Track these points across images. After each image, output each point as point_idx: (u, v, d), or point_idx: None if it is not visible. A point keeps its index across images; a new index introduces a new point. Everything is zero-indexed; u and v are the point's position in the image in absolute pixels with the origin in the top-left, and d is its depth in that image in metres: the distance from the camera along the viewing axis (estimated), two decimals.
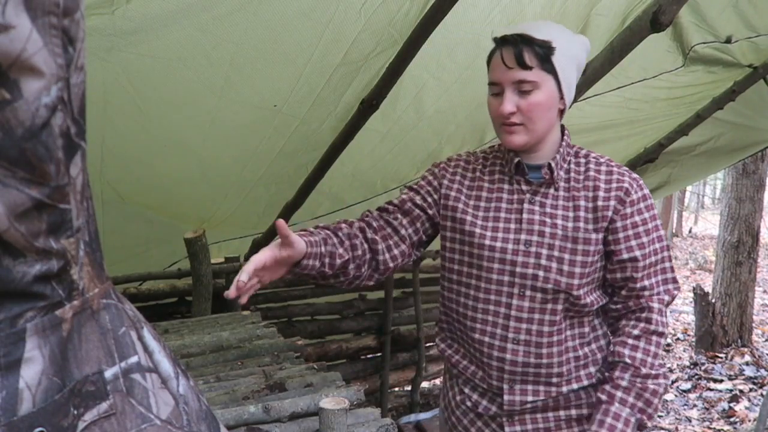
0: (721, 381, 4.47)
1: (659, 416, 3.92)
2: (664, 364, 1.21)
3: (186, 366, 1.71)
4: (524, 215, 1.17)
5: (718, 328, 5.09)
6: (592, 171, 1.19)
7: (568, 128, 1.24)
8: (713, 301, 5.17)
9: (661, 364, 1.18)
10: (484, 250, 1.18)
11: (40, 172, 0.44)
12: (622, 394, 1.14)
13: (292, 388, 1.48)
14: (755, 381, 4.42)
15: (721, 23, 2.16)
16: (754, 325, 5.36)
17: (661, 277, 1.19)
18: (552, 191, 1.18)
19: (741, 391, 4.23)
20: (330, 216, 2.64)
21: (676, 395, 4.29)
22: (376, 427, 1.32)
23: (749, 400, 4.08)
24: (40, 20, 0.41)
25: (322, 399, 1.27)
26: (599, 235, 1.16)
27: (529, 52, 1.08)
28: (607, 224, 1.16)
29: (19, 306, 0.46)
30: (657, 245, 1.19)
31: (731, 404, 4.03)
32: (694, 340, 5.28)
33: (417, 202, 1.25)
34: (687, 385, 4.45)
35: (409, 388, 3.61)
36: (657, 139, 2.98)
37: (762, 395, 4.10)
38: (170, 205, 2.26)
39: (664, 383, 1.16)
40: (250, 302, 2.86)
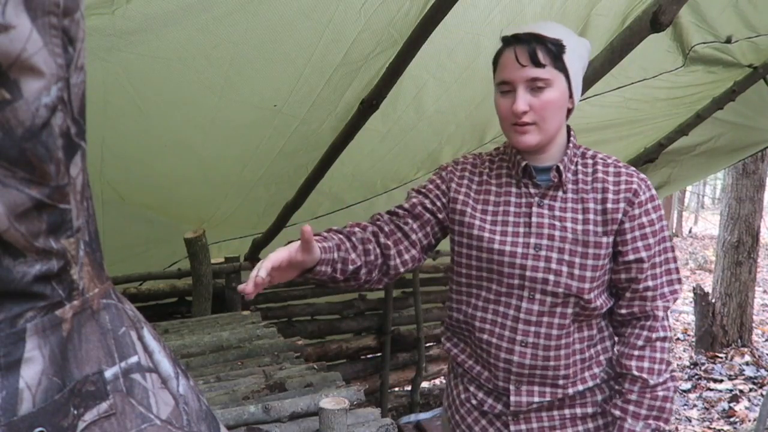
0: (721, 381, 4.46)
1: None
2: (671, 362, 1.21)
3: (186, 366, 1.71)
4: (533, 219, 1.17)
5: (718, 328, 5.09)
6: (600, 173, 1.18)
7: None
8: (713, 301, 5.17)
9: (667, 367, 1.19)
10: (494, 254, 1.18)
11: (40, 172, 0.44)
12: (634, 408, 1.17)
13: (292, 388, 1.48)
14: (755, 381, 4.42)
15: (721, 23, 2.15)
16: (754, 325, 5.36)
17: (666, 278, 1.19)
18: (560, 194, 1.17)
19: (741, 391, 4.23)
20: (330, 216, 2.63)
21: (676, 395, 4.29)
22: (376, 427, 1.32)
23: (749, 400, 4.08)
24: (40, 20, 0.41)
25: (322, 399, 1.27)
26: (609, 238, 1.15)
27: (542, 50, 1.08)
28: (617, 226, 1.15)
29: (19, 306, 0.46)
30: (663, 245, 1.18)
31: (731, 404, 4.03)
32: (694, 340, 5.28)
33: (427, 207, 1.25)
34: (687, 385, 4.45)
35: (409, 388, 3.61)
36: (657, 139, 2.98)
37: (762, 395, 4.10)
38: (170, 205, 2.26)
39: (673, 386, 1.19)
40: (250, 302, 2.86)
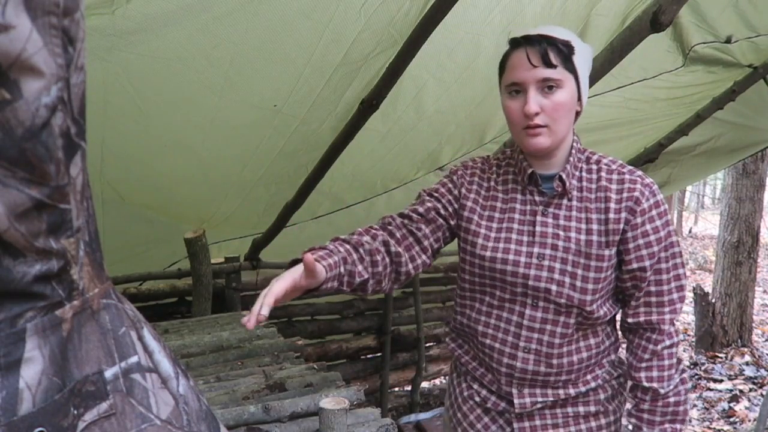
0: (721, 381, 4.46)
1: None
2: (681, 360, 1.22)
3: (186, 366, 1.71)
4: (537, 228, 1.17)
5: (718, 328, 5.09)
6: (603, 180, 1.17)
7: None
8: (713, 301, 5.17)
9: (677, 370, 1.20)
10: (497, 263, 1.18)
11: (40, 172, 0.44)
12: (648, 416, 1.20)
13: (292, 388, 1.48)
14: (755, 381, 4.42)
15: (721, 23, 2.15)
16: (754, 325, 5.36)
17: (675, 284, 1.18)
18: (565, 201, 1.17)
19: (741, 391, 4.23)
20: (330, 216, 2.63)
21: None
22: (376, 427, 1.32)
23: (749, 400, 4.08)
24: (40, 20, 0.41)
25: (322, 399, 1.27)
26: (612, 250, 1.15)
27: (553, 50, 1.08)
28: (619, 237, 1.14)
29: (19, 306, 0.46)
30: (670, 251, 1.17)
31: (731, 404, 4.02)
32: (694, 340, 5.28)
33: (440, 212, 1.24)
34: (687, 386, 4.44)
35: (409, 388, 3.61)
36: (657, 139, 2.98)
37: (762, 395, 4.10)
38: (170, 205, 2.26)
39: (684, 388, 1.20)
40: (250, 302, 2.86)
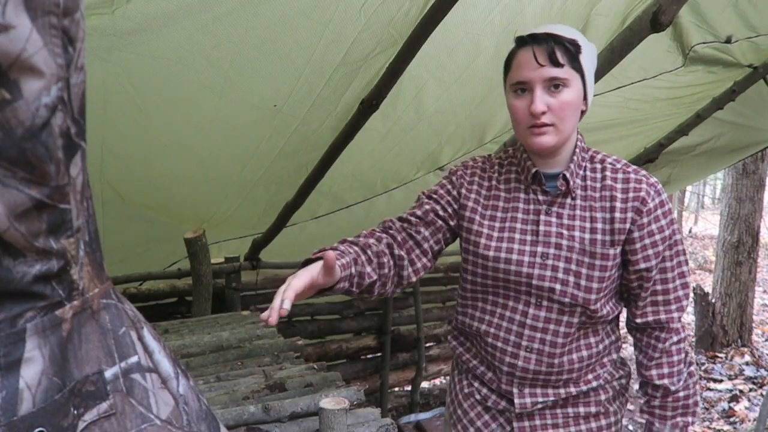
0: (721, 381, 4.46)
1: None
2: (688, 352, 1.23)
3: (186, 366, 1.71)
4: (541, 227, 1.16)
5: (718, 328, 5.09)
6: (608, 179, 1.16)
7: None
8: (713, 301, 5.17)
9: (686, 364, 1.21)
10: (500, 263, 1.18)
11: (40, 172, 0.44)
12: (659, 411, 1.22)
13: (292, 388, 1.48)
14: (755, 381, 4.42)
15: (721, 23, 2.15)
16: (754, 325, 5.36)
17: (680, 281, 1.19)
18: (569, 201, 1.16)
19: (741, 391, 4.23)
20: (330, 216, 2.63)
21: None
22: (376, 427, 1.32)
23: (749, 400, 4.08)
24: (40, 20, 0.41)
25: (322, 399, 1.27)
26: (617, 249, 1.14)
27: (560, 49, 1.07)
28: (624, 236, 1.14)
29: (19, 306, 0.46)
30: (674, 250, 1.18)
31: (731, 404, 4.02)
32: (694, 340, 5.28)
33: (439, 214, 1.24)
34: None
35: (409, 388, 3.61)
36: (657, 139, 2.98)
37: (762, 395, 4.10)
38: (170, 205, 2.26)
39: (692, 382, 1.22)
40: (250, 302, 2.86)
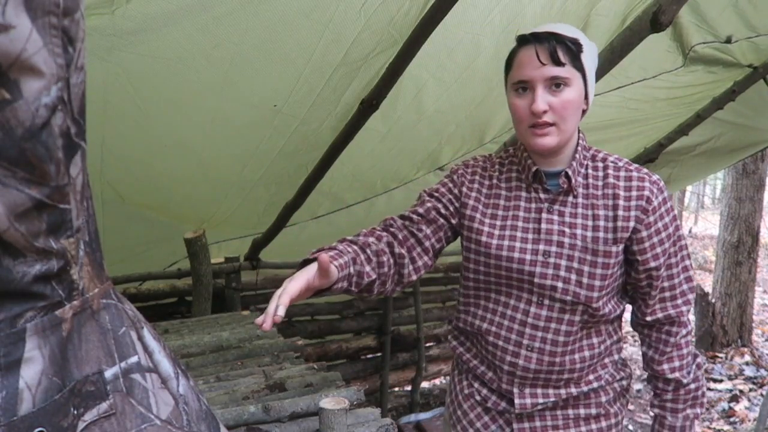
0: (721, 381, 4.46)
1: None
2: (692, 347, 1.25)
3: (186, 366, 1.71)
4: (542, 225, 1.16)
5: (718, 328, 5.09)
6: (611, 177, 1.16)
7: None
8: (713, 301, 5.17)
9: (692, 357, 1.23)
10: (502, 260, 1.17)
11: (40, 172, 0.44)
12: (671, 404, 1.23)
13: (292, 388, 1.48)
14: (755, 381, 4.42)
15: (721, 23, 2.15)
16: (754, 325, 5.36)
17: (684, 275, 1.20)
18: (570, 199, 1.16)
19: (741, 391, 4.23)
20: (330, 216, 2.63)
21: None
22: (376, 427, 1.32)
23: (749, 400, 4.08)
24: (40, 20, 0.41)
25: (322, 399, 1.27)
26: (619, 247, 1.14)
27: (561, 48, 1.07)
28: (628, 235, 1.14)
29: (19, 306, 0.46)
30: (678, 245, 1.18)
31: (731, 404, 4.02)
32: (693, 340, 5.28)
33: (441, 212, 1.24)
34: None
35: (409, 388, 3.61)
36: (657, 139, 2.98)
37: (762, 395, 4.10)
38: (170, 205, 2.26)
39: (700, 374, 1.24)
40: (250, 302, 2.86)
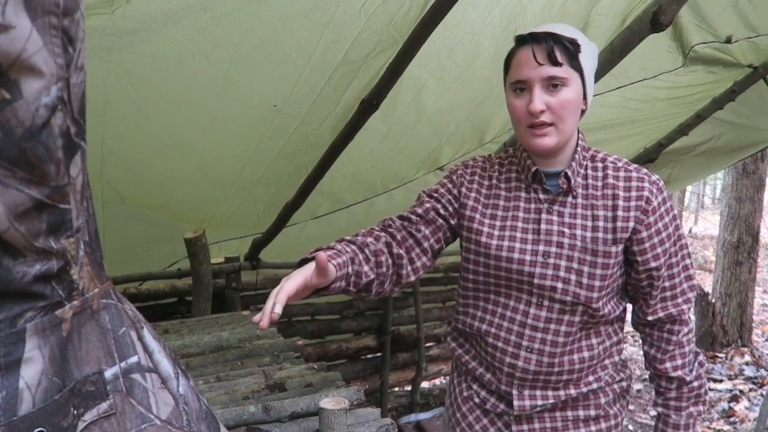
0: (721, 381, 4.46)
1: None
2: (693, 342, 1.26)
3: (186, 366, 1.71)
4: (542, 226, 1.16)
5: (718, 328, 5.09)
6: (610, 178, 1.16)
7: None
8: (713, 301, 5.17)
9: (694, 354, 1.24)
10: (501, 261, 1.17)
11: (40, 172, 0.44)
12: (675, 402, 1.23)
13: (292, 388, 1.48)
14: (755, 381, 4.42)
15: (721, 23, 2.15)
16: (754, 325, 5.36)
17: (685, 274, 1.20)
18: (570, 199, 1.16)
19: (741, 391, 4.23)
20: (330, 216, 2.63)
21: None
22: (376, 427, 1.32)
23: (749, 400, 4.08)
24: (40, 20, 0.41)
25: (322, 399, 1.27)
26: (619, 247, 1.14)
27: (559, 48, 1.07)
28: (628, 235, 1.14)
29: (19, 306, 0.46)
30: (679, 244, 1.19)
31: (731, 404, 4.02)
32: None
33: (440, 212, 1.24)
34: None
35: (409, 388, 3.61)
36: (657, 139, 2.98)
37: (762, 395, 4.10)
38: (170, 205, 2.26)
39: (703, 371, 1.24)
40: (250, 302, 2.86)
